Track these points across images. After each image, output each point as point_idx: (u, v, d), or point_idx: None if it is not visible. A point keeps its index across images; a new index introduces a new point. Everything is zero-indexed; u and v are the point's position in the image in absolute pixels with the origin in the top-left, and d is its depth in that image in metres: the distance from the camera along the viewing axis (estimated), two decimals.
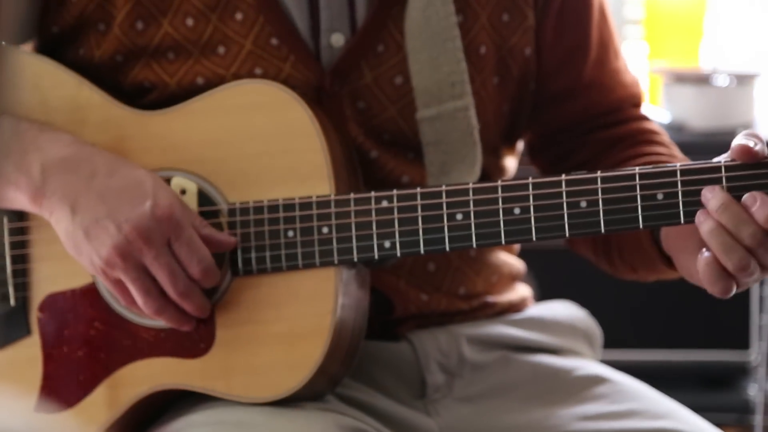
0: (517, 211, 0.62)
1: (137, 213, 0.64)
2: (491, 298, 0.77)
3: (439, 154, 0.73)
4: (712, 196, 0.56)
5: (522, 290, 0.79)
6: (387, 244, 0.65)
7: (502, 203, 0.62)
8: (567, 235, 0.62)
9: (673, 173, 0.58)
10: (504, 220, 0.62)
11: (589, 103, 0.78)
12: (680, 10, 1.32)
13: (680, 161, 0.70)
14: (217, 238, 0.67)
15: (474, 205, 0.63)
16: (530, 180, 0.63)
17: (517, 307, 0.77)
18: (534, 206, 0.62)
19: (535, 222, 0.61)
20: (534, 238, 0.63)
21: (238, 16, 0.71)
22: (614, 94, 0.78)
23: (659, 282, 0.75)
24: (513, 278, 0.79)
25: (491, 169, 0.73)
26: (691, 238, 0.60)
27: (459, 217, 0.63)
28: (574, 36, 0.79)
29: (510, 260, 0.78)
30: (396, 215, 0.64)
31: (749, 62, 1.32)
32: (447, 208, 0.64)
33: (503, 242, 0.64)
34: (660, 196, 0.58)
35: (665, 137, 0.75)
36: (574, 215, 0.61)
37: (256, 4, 0.71)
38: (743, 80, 1.28)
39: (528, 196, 0.62)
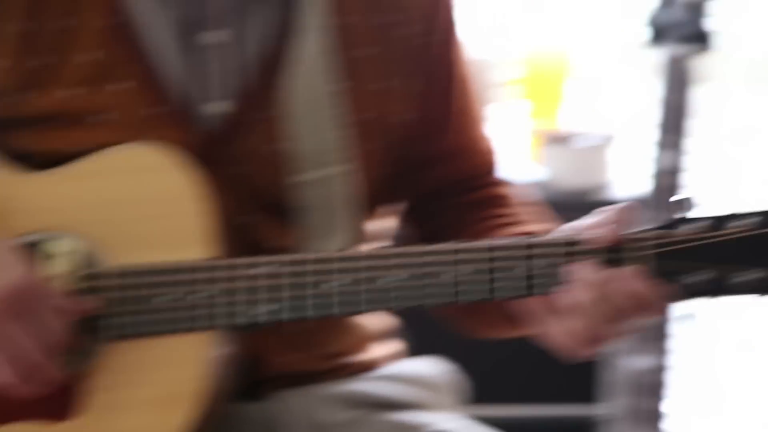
0: (380, 282, 0.65)
1: None
2: (354, 358, 0.79)
3: (318, 218, 0.76)
4: (587, 271, 0.61)
5: (386, 348, 0.82)
6: (256, 310, 0.67)
7: (366, 273, 0.65)
8: (424, 305, 0.65)
9: (523, 246, 0.63)
10: (366, 289, 0.64)
11: (453, 171, 0.83)
12: (551, 74, 1.45)
13: (527, 223, 0.74)
14: (73, 307, 0.67)
15: (339, 273, 0.66)
16: (393, 251, 0.68)
17: (378, 364, 0.79)
18: (410, 276, 0.64)
19: (394, 293, 0.64)
20: (393, 308, 0.67)
21: (118, 85, 0.73)
22: (474, 162, 0.84)
23: (524, 339, 0.78)
24: (377, 337, 0.82)
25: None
26: (541, 305, 0.64)
27: (324, 287, 0.65)
28: (442, 105, 0.84)
29: (374, 320, 0.80)
30: (266, 282, 0.66)
31: (610, 125, 1.47)
32: (313, 277, 0.66)
33: (364, 311, 0.68)
34: (516, 270, 0.63)
35: (515, 200, 0.80)
36: (431, 285, 0.64)
37: (136, 73, 0.73)
38: (605, 142, 1.41)
39: (390, 266, 0.65)
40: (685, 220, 0.61)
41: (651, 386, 0.96)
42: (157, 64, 0.75)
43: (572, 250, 0.63)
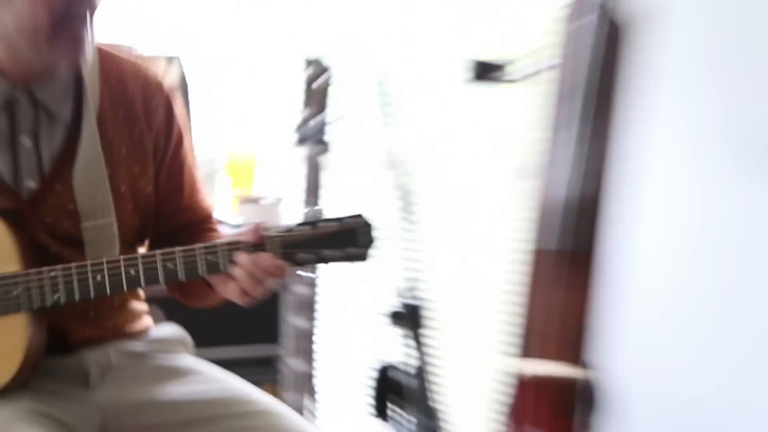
0: (132, 272, 1.00)
1: None
2: (127, 328, 1.17)
3: (94, 249, 1.08)
4: (243, 257, 0.99)
5: (146, 321, 1.21)
6: (55, 297, 0.99)
7: (124, 268, 1.00)
8: (162, 283, 1.02)
9: (215, 246, 1.01)
10: (125, 277, 1.00)
11: (184, 219, 1.22)
12: (246, 163, 2.05)
13: (219, 236, 1.16)
14: None
15: (108, 270, 1.00)
16: (138, 254, 1.03)
17: (142, 331, 1.19)
18: (142, 269, 1.00)
19: (144, 276, 1.00)
20: (143, 285, 1.03)
21: None
22: (198, 213, 1.24)
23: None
24: (140, 314, 1.21)
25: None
26: (225, 278, 1.03)
27: (98, 277, 0.99)
28: (176, 181, 1.21)
29: (137, 305, 1.20)
30: (61, 279, 0.99)
31: (282, 192, 2.08)
32: (91, 273, 1.00)
33: (125, 290, 1.03)
34: (210, 258, 1.01)
35: (219, 233, 1.22)
36: (164, 271, 1.00)
37: None
38: (277, 202, 2.02)
39: (138, 263, 1.00)
40: (300, 225, 1.03)
41: (306, 335, 1.48)
42: None
43: (234, 246, 1.02)
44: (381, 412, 1.04)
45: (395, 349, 1.21)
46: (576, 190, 1.09)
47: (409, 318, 1.06)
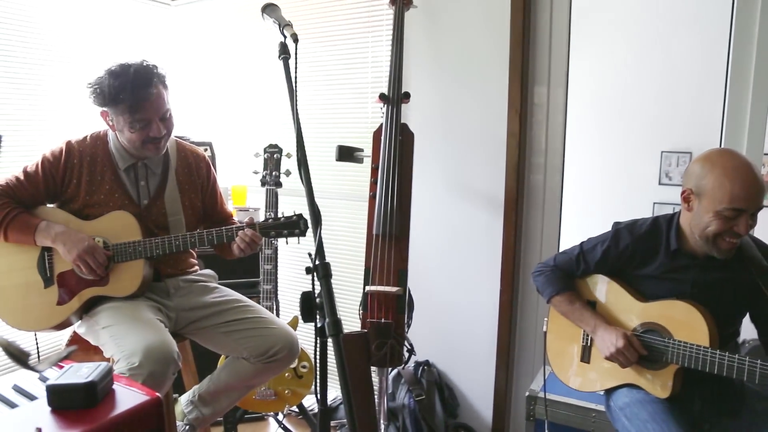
0: (191, 240, 1.97)
1: (82, 245, 1.90)
2: (187, 269, 2.14)
3: (174, 230, 2.02)
4: (241, 233, 1.96)
5: (196, 266, 2.18)
6: (157, 251, 1.95)
7: (189, 238, 1.99)
8: (206, 245, 2.07)
9: (231, 228, 2.19)
10: (189, 242, 2.00)
11: (216, 218, 2.20)
12: (241, 191, 3.25)
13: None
14: (104, 254, 1.92)
15: (181, 238, 1.95)
16: (195, 232, 2.03)
17: (194, 270, 2.16)
18: (197, 238, 1.98)
19: (197, 241, 2.00)
20: (197, 246, 2.16)
21: (108, 189, 1.99)
22: (224, 215, 2.23)
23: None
24: (193, 263, 2.18)
25: None
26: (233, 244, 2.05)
27: (177, 242, 1.96)
28: (211, 200, 2.20)
29: (192, 258, 2.18)
30: (159, 243, 2.01)
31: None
32: (174, 240, 1.96)
33: (189, 248, 2.00)
34: (228, 233, 2.00)
35: (233, 223, 2.21)
36: (207, 239, 2.04)
37: (113, 186, 1.99)
38: (255, 211, 3.25)
39: (195, 236, 1.99)
40: (274, 219, 2.03)
41: (272, 273, 2.64)
42: (128, 190, 2.03)
43: (239, 227, 1.95)
44: (307, 318, 1.26)
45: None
46: (389, 206, 2.28)
47: (318, 269, 1.28)
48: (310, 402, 3.11)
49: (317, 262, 1.26)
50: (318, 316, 1.26)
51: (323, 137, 3.09)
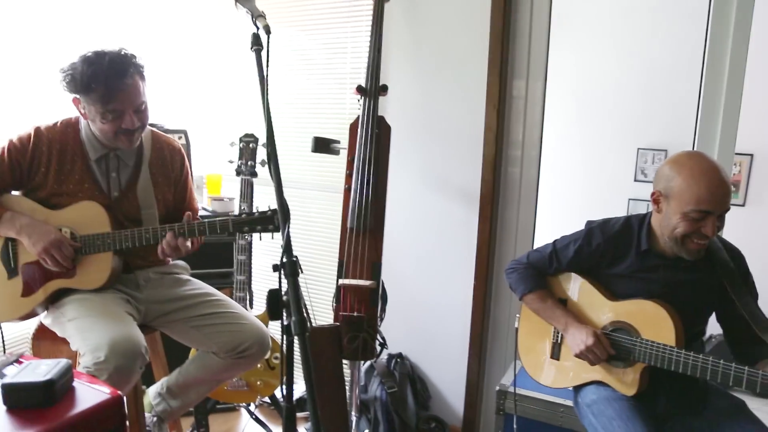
0: (164, 233, 2.02)
1: (48, 238, 1.85)
2: (158, 260, 2.06)
3: (146, 223, 1.97)
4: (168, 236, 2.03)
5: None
6: (126, 244, 1.91)
7: (155, 232, 1.92)
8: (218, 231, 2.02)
9: (203, 223, 2.19)
10: (158, 235, 2.05)
11: (185, 211, 2.00)
12: (215, 180, 3.20)
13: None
14: (71, 245, 1.86)
15: (152, 232, 1.90)
16: (166, 225, 1.96)
17: (166, 262, 2.11)
18: (179, 230, 1.93)
19: (178, 231, 2.00)
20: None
21: (77, 179, 1.91)
22: (191, 209, 2.14)
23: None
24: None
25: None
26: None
27: (146, 235, 1.90)
28: (181, 194, 2.13)
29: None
30: (129, 236, 1.93)
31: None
32: (144, 233, 1.91)
33: (157, 241, 2.08)
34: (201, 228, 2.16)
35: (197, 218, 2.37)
36: (185, 230, 2.16)
37: (82, 176, 1.91)
38: (230, 201, 3.21)
39: (166, 229, 1.94)
40: (248, 214, 1.98)
41: (246, 264, 2.62)
42: (99, 181, 1.95)
43: (213, 221, 2.01)
44: (273, 315, 1.23)
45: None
46: (364, 200, 2.27)
47: (286, 265, 1.27)
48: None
49: (284, 260, 1.24)
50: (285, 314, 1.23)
51: (302, 127, 3.06)
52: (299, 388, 3.10)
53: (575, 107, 3.79)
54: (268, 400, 2.90)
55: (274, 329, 3.15)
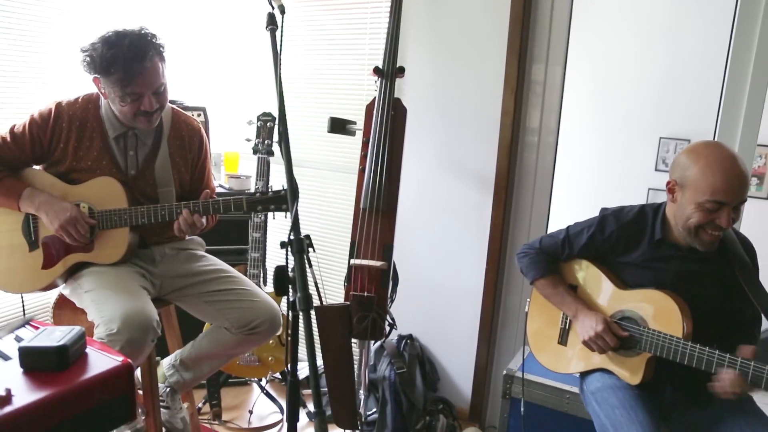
0: (179, 210, 2.02)
1: (64, 215, 1.89)
2: (174, 236, 2.05)
3: (162, 201, 1.98)
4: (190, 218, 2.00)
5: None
6: (142, 220, 1.96)
7: (172, 209, 1.97)
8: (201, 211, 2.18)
9: (218, 201, 2.25)
10: (175, 212, 2.00)
11: (202, 190, 2.07)
12: (232, 157, 3.26)
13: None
14: (87, 221, 1.90)
15: (167, 209, 1.93)
16: (181, 203, 2.02)
17: (181, 238, 2.12)
18: (194, 207, 1.92)
19: (193, 208, 1.97)
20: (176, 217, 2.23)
21: (95, 156, 1.93)
22: (209, 188, 2.18)
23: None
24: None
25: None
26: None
27: (162, 212, 1.97)
28: (200, 173, 2.14)
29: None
30: (145, 212, 1.96)
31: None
32: (159, 210, 1.98)
33: (173, 218, 2.13)
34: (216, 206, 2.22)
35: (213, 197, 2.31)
36: (199, 208, 2.01)
37: (101, 153, 1.93)
38: (247, 178, 3.25)
39: (181, 206, 1.96)
40: (262, 193, 2.00)
41: (261, 241, 2.69)
42: (116, 158, 1.97)
43: (227, 200, 1.92)
44: (280, 291, 1.23)
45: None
46: (378, 181, 2.28)
47: (293, 243, 1.27)
48: None
49: (292, 237, 1.26)
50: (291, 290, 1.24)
51: (321, 107, 3.07)
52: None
53: (596, 94, 3.74)
54: (279, 376, 2.96)
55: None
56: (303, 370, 3.16)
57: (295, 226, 1.21)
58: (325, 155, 3.14)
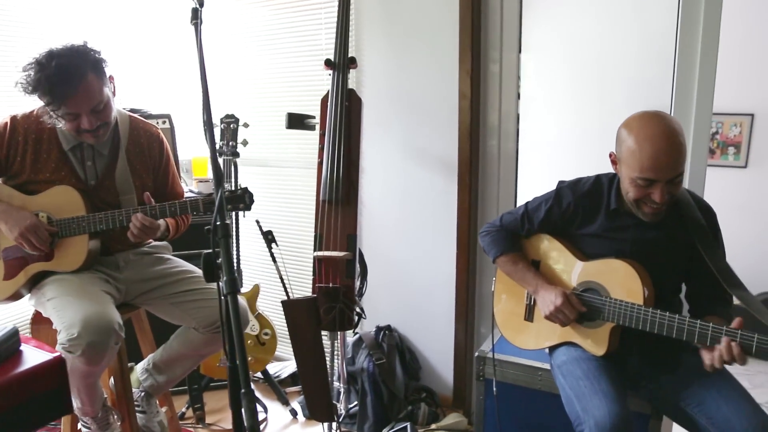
0: (171, 208, 1.97)
1: (24, 223, 1.88)
2: (141, 244, 2.13)
3: (126, 205, 1.99)
4: (143, 218, 1.97)
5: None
6: (101, 226, 1.94)
7: (141, 212, 2.02)
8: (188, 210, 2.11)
9: (174, 204, 2.21)
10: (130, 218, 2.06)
11: (168, 197, 2.11)
12: (201, 163, 3.25)
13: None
14: (47, 229, 1.88)
15: (125, 215, 1.91)
16: (138, 207, 2.02)
17: (147, 243, 2.13)
18: (151, 212, 1.93)
19: (150, 213, 2.05)
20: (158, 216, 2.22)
21: (53, 168, 1.92)
22: (175, 194, 2.17)
23: None
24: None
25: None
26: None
27: (120, 218, 1.94)
28: (163, 179, 2.12)
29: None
30: (104, 218, 1.94)
31: None
32: (117, 216, 1.96)
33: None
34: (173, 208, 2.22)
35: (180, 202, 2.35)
36: (156, 212, 2.20)
37: (59, 165, 1.92)
38: None
39: (138, 210, 2.00)
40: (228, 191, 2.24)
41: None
42: (75, 168, 1.95)
43: (184, 202, 1.94)
44: (209, 278, 1.19)
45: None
46: (335, 172, 2.26)
47: (217, 230, 1.22)
48: (274, 369, 3.14)
49: (217, 223, 1.23)
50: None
51: (280, 105, 3.06)
52: (292, 365, 3.14)
53: (570, 77, 3.72)
54: (261, 375, 2.95)
55: (265, 306, 3.18)
56: (286, 369, 3.15)
57: (221, 210, 1.20)
58: (288, 153, 3.14)
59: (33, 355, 1.11)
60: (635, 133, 1.63)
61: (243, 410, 0.99)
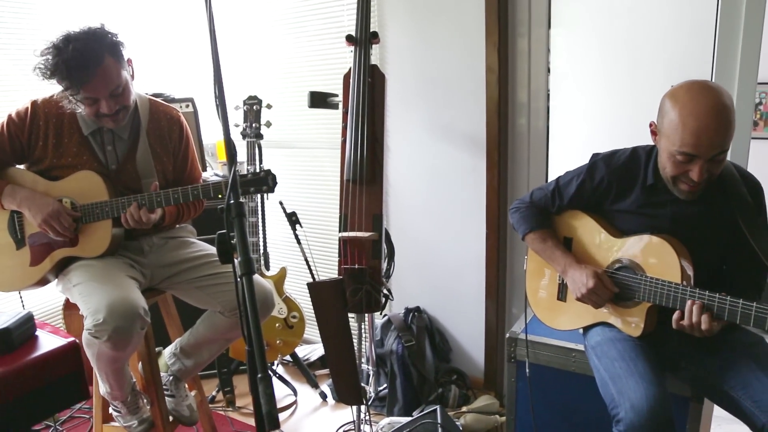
0: (159, 198, 2.01)
1: (47, 209, 1.89)
2: (166, 228, 2.11)
3: (145, 190, 1.98)
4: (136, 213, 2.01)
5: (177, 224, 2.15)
6: (124, 210, 1.97)
7: (171, 194, 1.98)
8: (190, 198, 2.13)
9: (197, 187, 2.21)
10: (155, 200, 2.02)
11: (186, 181, 2.12)
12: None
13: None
14: (69, 214, 1.88)
15: (147, 198, 1.90)
16: (161, 191, 2.01)
17: (171, 227, 2.13)
18: (174, 196, 1.93)
19: (173, 197, 2.10)
20: (164, 204, 2.21)
21: (75, 152, 1.92)
22: (192, 179, 2.16)
23: None
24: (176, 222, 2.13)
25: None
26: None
27: (142, 201, 1.91)
28: (182, 164, 2.09)
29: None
30: (127, 202, 2.09)
31: None
32: (140, 198, 2.11)
33: (155, 207, 2.11)
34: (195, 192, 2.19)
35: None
36: (179, 196, 2.18)
37: (80, 149, 1.92)
38: (239, 164, 3.22)
39: (161, 195, 1.94)
40: (252, 174, 2.20)
41: (255, 224, 2.64)
42: (96, 153, 1.95)
43: (207, 185, 1.92)
44: (224, 259, 1.17)
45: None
46: (359, 151, 2.21)
47: (231, 209, 1.20)
48: (303, 352, 3.13)
49: (231, 202, 1.20)
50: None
51: (304, 86, 3.00)
52: (321, 348, 3.12)
53: (603, 51, 3.58)
54: (290, 359, 2.94)
55: (292, 289, 3.16)
56: (315, 352, 3.14)
57: (234, 189, 1.15)
58: (313, 133, 3.09)
59: (48, 341, 1.09)
60: (680, 106, 1.51)
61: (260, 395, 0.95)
